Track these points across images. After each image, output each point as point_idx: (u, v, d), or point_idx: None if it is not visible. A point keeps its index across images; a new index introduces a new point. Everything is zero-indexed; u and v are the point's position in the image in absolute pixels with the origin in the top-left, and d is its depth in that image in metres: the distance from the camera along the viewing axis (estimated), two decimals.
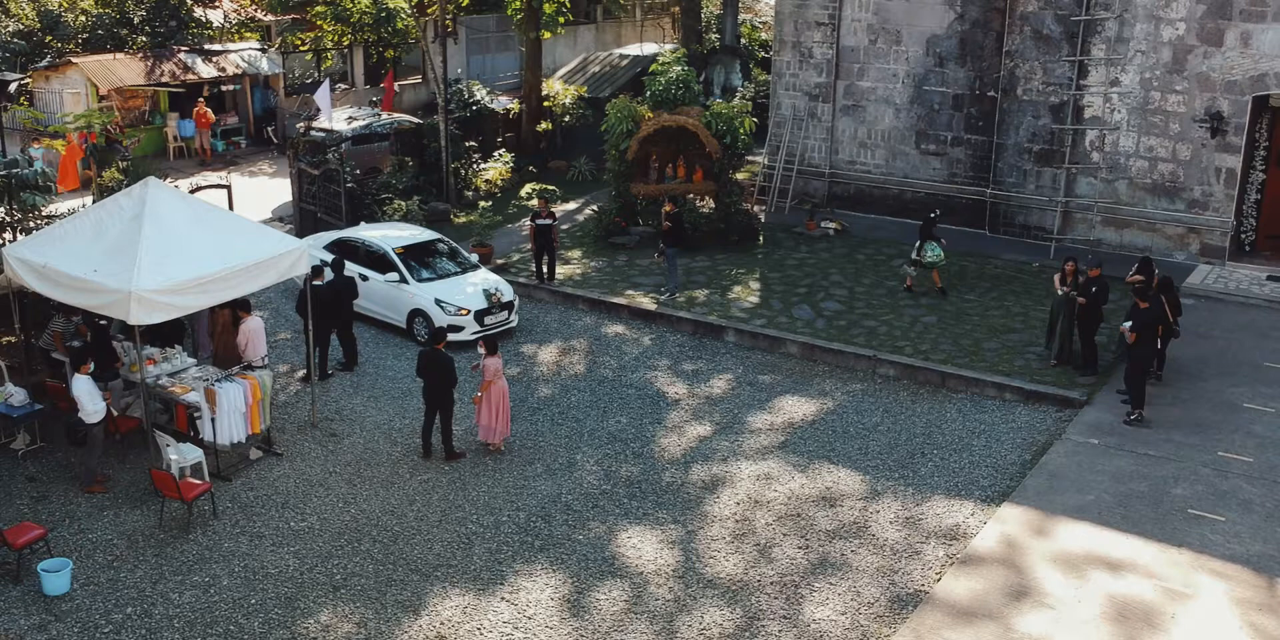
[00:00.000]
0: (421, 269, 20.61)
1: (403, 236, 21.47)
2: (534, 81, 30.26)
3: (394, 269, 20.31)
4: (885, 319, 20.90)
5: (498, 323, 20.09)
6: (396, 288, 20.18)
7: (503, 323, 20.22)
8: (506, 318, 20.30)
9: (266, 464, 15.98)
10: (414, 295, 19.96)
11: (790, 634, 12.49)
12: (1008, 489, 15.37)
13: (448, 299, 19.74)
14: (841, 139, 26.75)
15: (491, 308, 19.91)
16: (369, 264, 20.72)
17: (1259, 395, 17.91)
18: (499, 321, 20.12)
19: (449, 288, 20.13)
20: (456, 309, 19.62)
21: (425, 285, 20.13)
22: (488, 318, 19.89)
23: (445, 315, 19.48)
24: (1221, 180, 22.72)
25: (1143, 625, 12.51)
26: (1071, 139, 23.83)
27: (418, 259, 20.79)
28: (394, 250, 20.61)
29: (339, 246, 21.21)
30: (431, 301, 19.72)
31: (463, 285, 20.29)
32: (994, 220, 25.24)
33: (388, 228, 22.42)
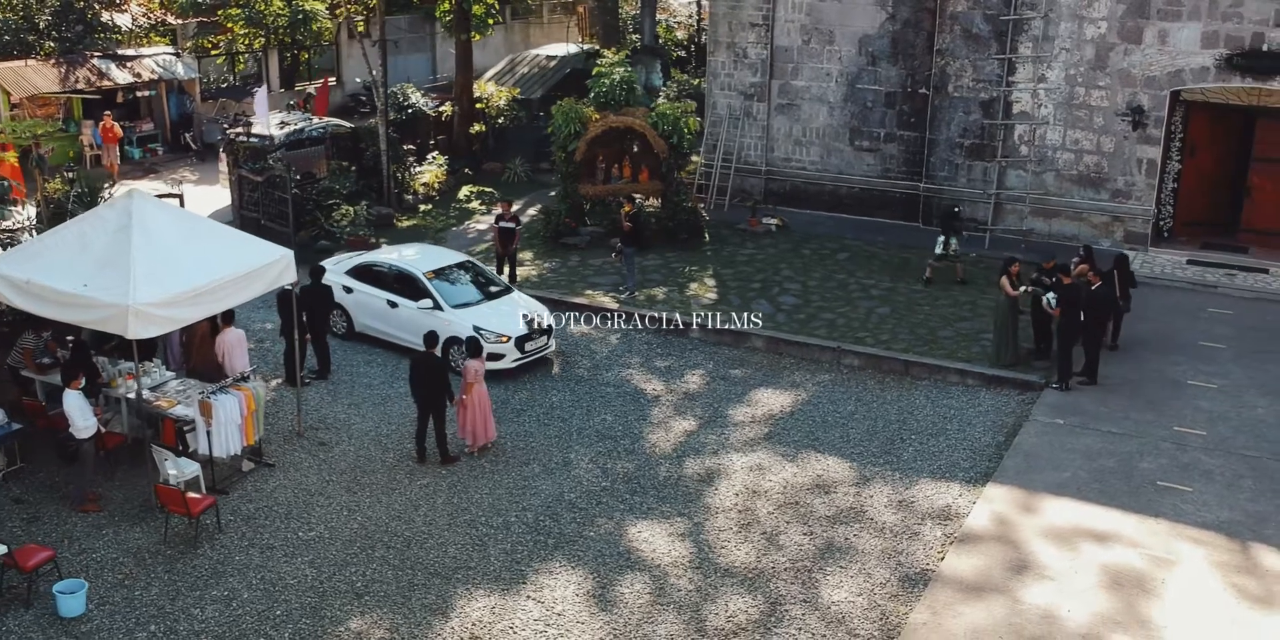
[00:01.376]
0: (453, 294, 19.53)
1: (429, 259, 20.46)
2: (465, 83, 30.24)
3: (426, 295, 19.22)
4: (841, 311, 21.60)
5: (537, 348, 19.18)
6: (430, 315, 18.98)
7: (542, 348, 19.33)
8: (545, 343, 19.43)
9: (260, 475, 15.84)
10: (450, 323, 18.77)
11: (813, 617, 12.99)
12: (988, 470, 16.15)
13: (487, 326, 18.66)
14: (777, 137, 27.45)
15: (532, 333, 18.95)
16: (397, 290, 19.61)
17: (1200, 372, 19.09)
18: (539, 347, 19.22)
19: (486, 313, 19.12)
20: (497, 336, 18.58)
21: (461, 312, 19.05)
22: (528, 344, 18.93)
23: (485, 343, 18.05)
24: (1143, 170, 24.04)
25: (1137, 591, 13.34)
26: (1001, 133, 24.92)
27: (448, 283, 19.75)
28: (424, 275, 19.59)
29: (363, 272, 20.19)
30: (469, 329, 18.46)
31: (500, 310, 19.34)
32: (928, 213, 26.19)
33: (409, 250, 21.38)
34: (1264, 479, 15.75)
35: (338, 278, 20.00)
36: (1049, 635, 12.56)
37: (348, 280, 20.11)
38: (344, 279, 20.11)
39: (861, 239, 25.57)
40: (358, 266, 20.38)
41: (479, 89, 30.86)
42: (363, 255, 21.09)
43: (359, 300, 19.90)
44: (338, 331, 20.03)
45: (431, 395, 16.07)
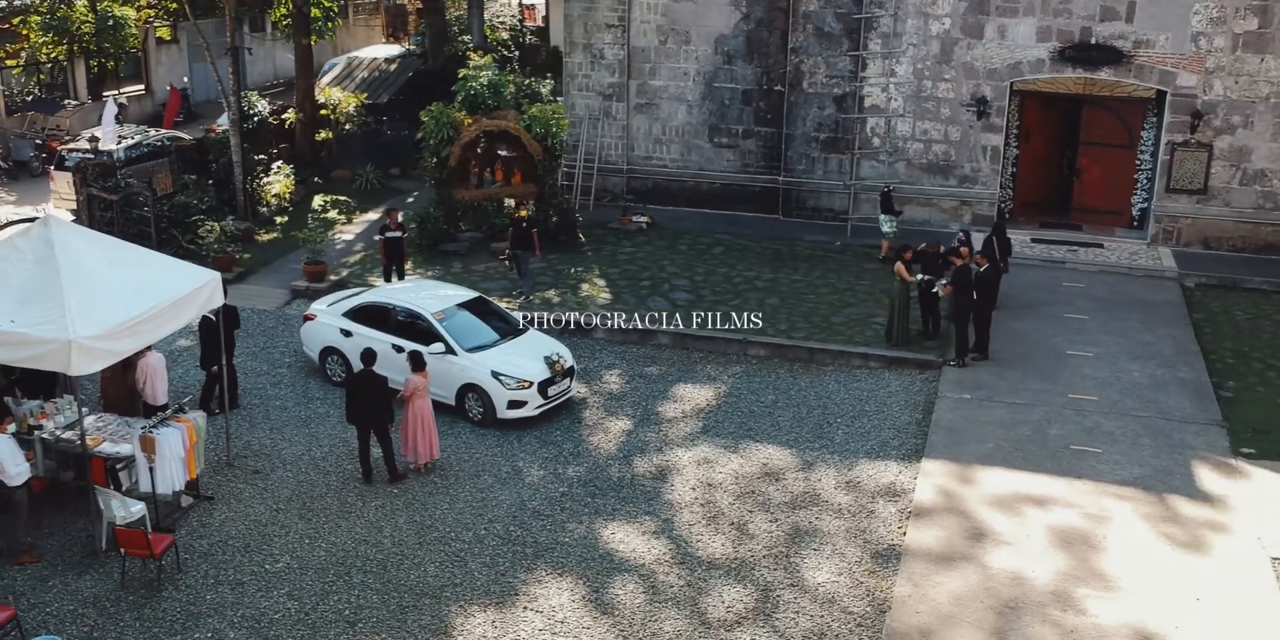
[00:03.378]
0: (466, 335, 17.89)
1: (437, 298, 18.77)
2: (307, 89, 29.25)
3: (436, 338, 17.60)
4: (734, 304, 22.21)
5: (560, 392, 17.77)
6: (442, 360, 17.33)
7: (565, 392, 17.91)
8: (568, 386, 18.03)
9: (203, 510, 15.06)
10: (465, 368, 17.34)
11: (805, 599, 13.48)
12: (918, 446, 17.07)
13: (506, 371, 17.20)
14: (637, 136, 27.86)
15: (555, 377, 17.54)
16: (403, 332, 17.90)
17: (1075, 342, 20.69)
18: (562, 391, 17.81)
19: (504, 356, 17.58)
20: (518, 382, 17.16)
21: (477, 355, 17.49)
22: (551, 388, 17.48)
23: (505, 390, 17.08)
24: (987, 157, 25.74)
25: (1085, 548, 14.46)
26: (855, 127, 26.14)
27: (460, 324, 18.09)
28: (434, 315, 17.99)
29: (363, 313, 18.44)
30: (488, 374, 17.16)
31: (518, 352, 17.82)
32: (787, 205, 27.20)
33: (411, 287, 19.82)
34: (1159, 436, 17.30)
35: (334, 320, 18.58)
36: (1023, 595, 13.49)
37: (346, 323, 18.43)
38: (341, 321, 18.49)
39: (729, 233, 26.32)
40: (357, 308, 18.64)
41: (323, 94, 29.90)
42: (360, 295, 19.37)
43: (360, 345, 17.57)
44: (336, 379, 18.56)
45: (373, 414, 15.68)
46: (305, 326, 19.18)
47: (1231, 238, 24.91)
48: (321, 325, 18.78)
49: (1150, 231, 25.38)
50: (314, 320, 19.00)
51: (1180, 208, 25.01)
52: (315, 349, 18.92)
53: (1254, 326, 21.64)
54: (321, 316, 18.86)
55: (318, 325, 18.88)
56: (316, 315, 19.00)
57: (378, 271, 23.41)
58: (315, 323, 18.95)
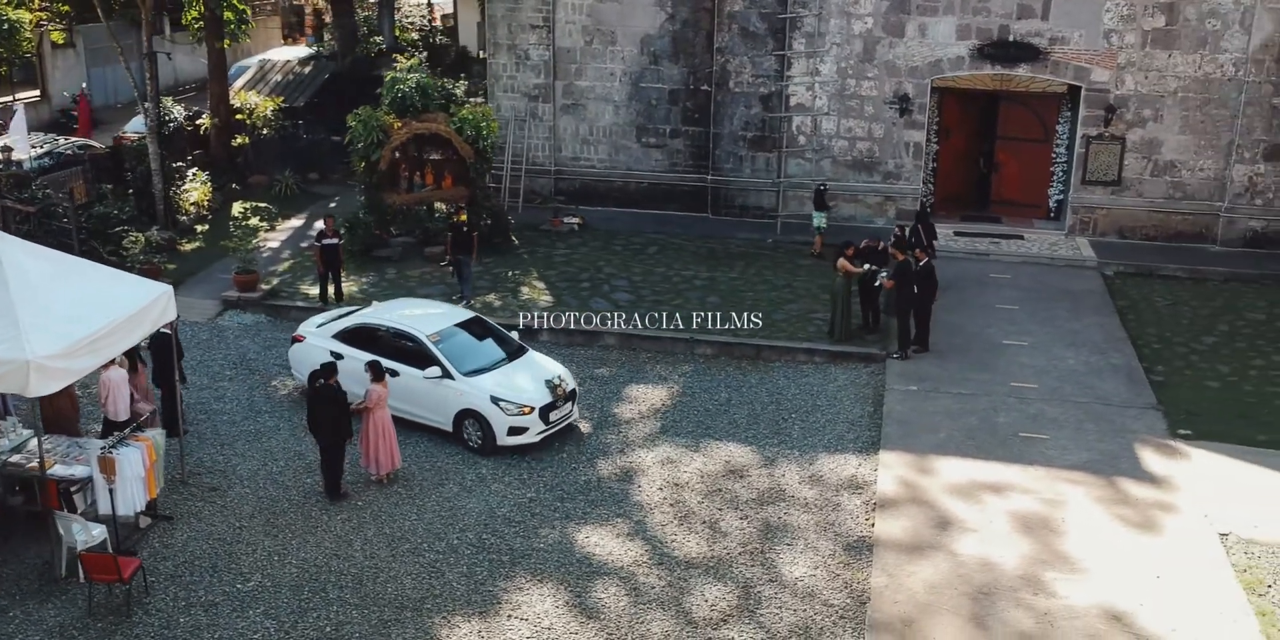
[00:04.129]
0: (464, 358, 17.15)
1: (431, 318, 17.94)
2: (221, 93, 28.46)
3: (432, 362, 16.88)
4: (675, 303, 22.33)
5: (562, 417, 17.08)
6: (438, 385, 16.73)
7: (566, 417, 17.21)
8: (570, 410, 17.32)
9: (163, 530, 14.61)
10: (463, 393, 16.62)
11: (786, 594, 13.64)
12: (873, 439, 17.39)
13: (506, 396, 16.49)
14: (564, 137, 27.79)
15: (556, 401, 16.84)
16: (397, 355, 17.11)
17: (1009, 332, 21.30)
18: (563, 416, 17.11)
19: (503, 380, 16.84)
20: (518, 407, 16.44)
21: (475, 380, 16.74)
22: (553, 413, 16.78)
23: (506, 417, 16.40)
24: (910, 153, 26.31)
25: (1047, 532, 14.92)
26: (781, 125, 26.47)
27: (457, 345, 17.33)
28: (429, 337, 17.24)
29: (354, 335, 17.64)
30: (487, 400, 16.44)
31: (518, 375, 17.05)
32: (716, 204, 27.43)
33: (404, 307, 18.81)
34: (1101, 421, 17.91)
35: (322, 342, 17.72)
36: (994, 581, 13.86)
37: (336, 345, 17.57)
38: (330, 344, 17.64)
39: (661, 232, 26.44)
40: (348, 330, 17.85)
41: (238, 98, 29.14)
42: (350, 316, 18.43)
43: (351, 368, 16.78)
44: None
45: (335, 426, 15.37)
46: (294, 348, 18.33)
47: (1144, 227, 25.90)
48: (311, 347, 17.82)
49: (1067, 222, 26.24)
50: (303, 342, 18.12)
51: (1096, 199, 25.91)
52: (304, 372, 17.68)
53: (1174, 312, 22.53)
54: (311, 338, 18.01)
55: (307, 347, 17.97)
56: (306, 337, 18.14)
57: (310, 279, 22.99)
58: (304, 345, 18.06)
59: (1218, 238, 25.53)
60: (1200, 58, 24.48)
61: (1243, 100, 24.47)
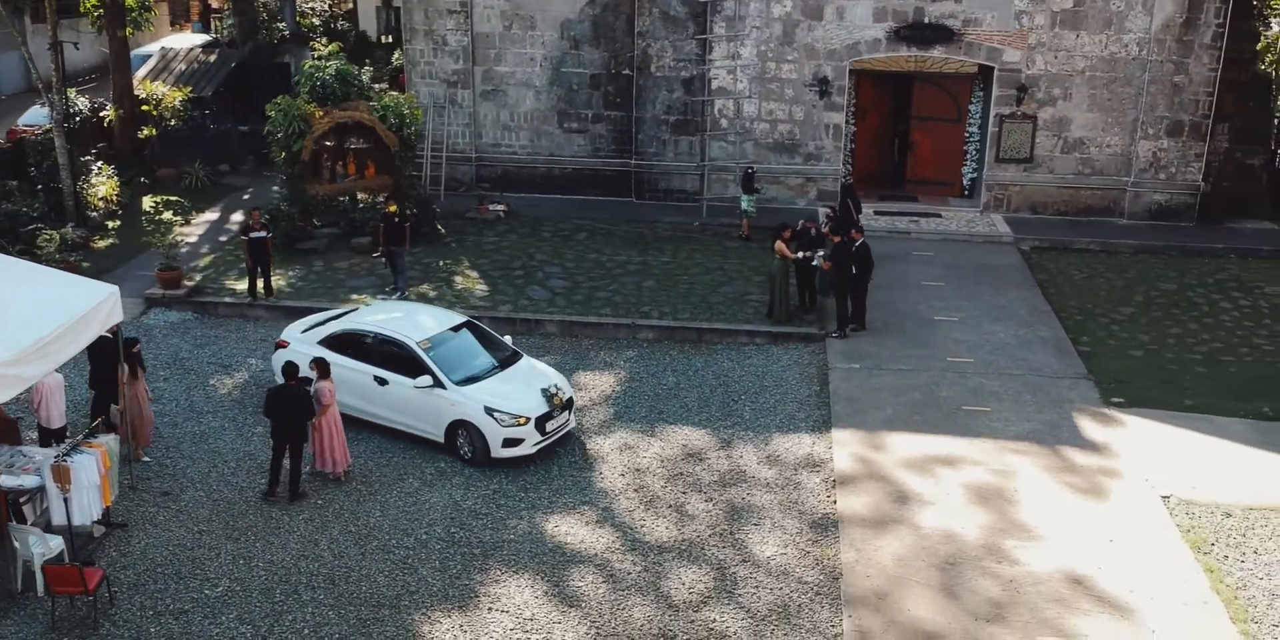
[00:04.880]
0: (456, 366, 16.38)
1: (422, 323, 17.07)
2: (125, 84, 27.39)
3: (423, 370, 16.15)
4: (611, 288, 22.36)
5: (558, 427, 16.37)
6: (429, 394, 16.02)
7: (563, 426, 16.51)
8: (567, 419, 16.63)
9: (119, 539, 14.14)
10: (455, 403, 15.88)
11: (760, 574, 13.83)
12: (823, 417, 17.69)
13: (500, 406, 15.75)
14: (484, 123, 27.51)
15: (553, 411, 16.15)
16: (385, 362, 16.47)
17: (939, 308, 21.84)
18: (560, 426, 16.41)
19: (497, 389, 16.13)
20: (513, 418, 15.73)
21: (467, 389, 16.01)
22: (549, 423, 16.11)
23: (500, 428, 15.70)
24: (830, 134, 26.70)
25: (1001, 502, 15.40)
26: (703, 109, 26.61)
27: (449, 352, 16.57)
28: (419, 344, 16.48)
29: (341, 342, 16.90)
30: (480, 411, 15.71)
31: (512, 384, 16.37)
32: (640, 188, 27.48)
33: (393, 311, 18.03)
34: (1038, 392, 18.52)
35: (307, 348, 16.92)
36: (958, 552, 14.26)
37: (322, 352, 16.67)
38: (316, 350, 16.76)
39: (588, 217, 26.40)
40: (334, 336, 17.11)
41: (144, 89, 28.08)
42: (336, 321, 17.69)
43: (338, 376, 16.11)
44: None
45: (294, 428, 15.03)
46: (277, 355, 17.52)
47: (1055, 202, 26.76)
48: (294, 354, 16.92)
49: (982, 200, 26.96)
50: (286, 348, 17.36)
51: (1009, 176, 26.66)
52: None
53: (1091, 285, 23.37)
54: (295, 345, 17.25)
55: (290, 354, 17.11)
56: (290, 343, 17.39)
57: (235, 274, 22.42)
58: (288, 351, 17.26)
59: (1125, 211, 26.53)
60: (1106, 38, 25.34)
61: (1146, 79, 25.43)
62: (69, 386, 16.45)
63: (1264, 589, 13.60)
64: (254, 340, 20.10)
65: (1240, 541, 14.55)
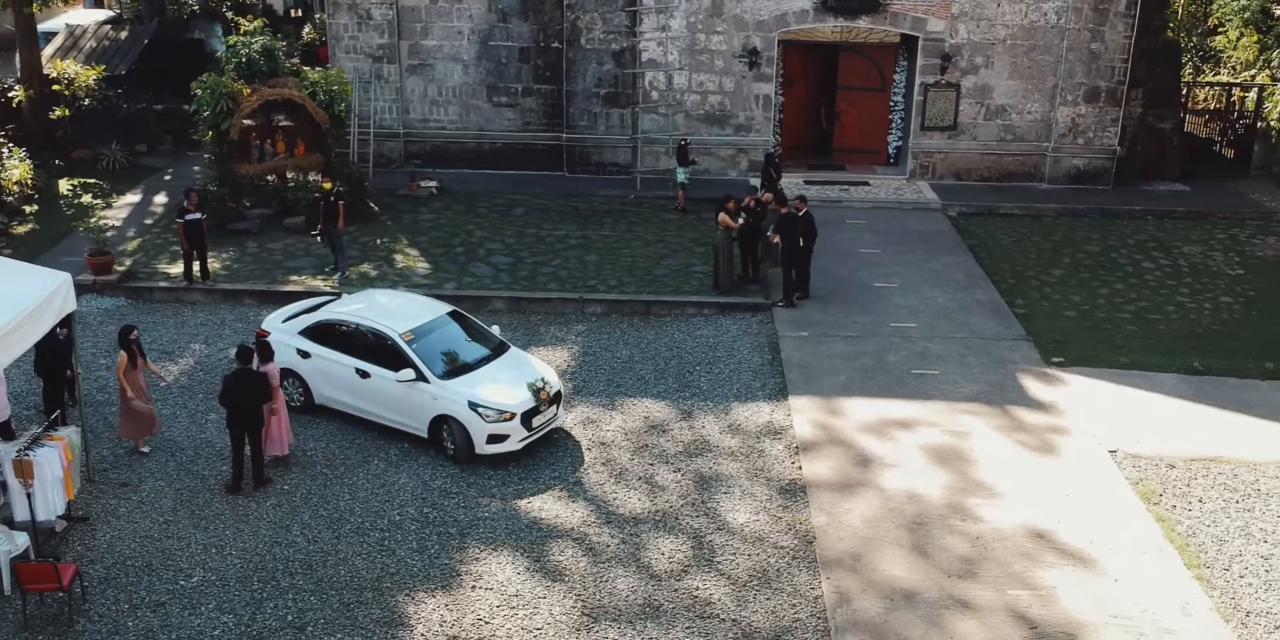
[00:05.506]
0: (440, 358, 15.87)
1: (406, 314, 16.48)
2: (34, 63, 26.30)
3: (406, 363, 15.62)
4: (555, 264, 22.32)
5: (546, 423, 15.86)
6: (412, 388, 15.51)
7: (550, 421, 15.99)
8: (555, 414, 16.11)
9: (83, 533, 13.79)
10: (438, 398, 15.38)
11: (736, 541, 14.06)
12: (779, 385, 17.96)
13: (485, 401, 15.23)
14: (412, 98, 27.10)
15: (540, 406, 15.65)
16: (368, 355, 15.92)
17: (878, 275, 22.25)
18: (547, 421, 15.89)
19: (482, 383, 15.58)
20: (499, 413, 15.23)
21: (451, 383, 15.48)
22: (536, 418, 15.59)
23: (485, 423, 15.18)
24: (759, 106, 26.89)
25: (960, 462, 15.85)
26: (634, 81, 26.57)
27: (433, 345, 16.03)
28: (402, 336, 15.93)
29: (322, 332, 16.41)
30: (464, 406, 15.19)
31: (498, 377, 15.79)
32: (572, 162, 27.38)
33: (378, 299, 17.41)
34: (981, 354, 19.05)
35: (289, 338, 16.48)
36: (924, 511, 14.67)
37: (303, 342, 16.39)
38: (297, 341, 16.44)
39: (522, 192, 26.23)
40: (315, 326, 16.59)
41: (54, 68, 26.97)
42: (318, 310, 17.07)
43: (319, 368, 16.14)
44: (294, 404, 16.44)
45: (250, 414, 14.75)
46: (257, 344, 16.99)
47: (979, 169, 27.37)
48: (276, 344, 16.23)
49: (908, 167, 27.46)
50: (267, 338, 16.51)
51: (934, 144, 27.18)
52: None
53: (1020, 248, 24.01)
54: (276, 334, 16.64)
55: (271, 343, 16.28)
56: (270, 332, 16.75)
57: (166, 258, 21.86)
58: (269, 341, 16.35)
59: (1045, 176, 27.25)
60: (1026, 7, 25.91)
61: (1065, 46, 26.08)
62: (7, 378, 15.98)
63: (1211, 535, 14.28)
64: (194, 325, 19.65)
65: (1185, 491, 15.23)
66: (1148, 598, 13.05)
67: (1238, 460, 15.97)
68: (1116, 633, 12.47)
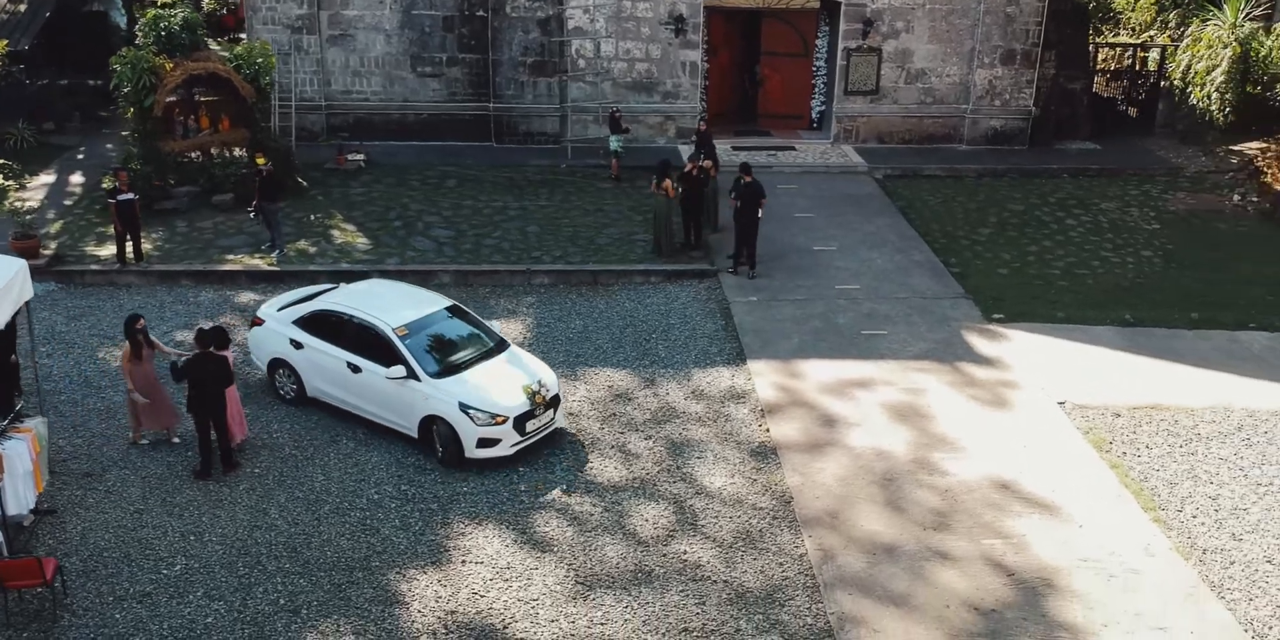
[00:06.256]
0: (433, 356, 15.25)
1: (401, 307, 15.87)
2: None
3: (397, 360, 14.99)
4: (497, 236, 22.18)
5: (541, 427, 15.18)
6: (403, 386, 14.88)
7: (546, 426, 15.31)
8: (551, 418, 15.42)
9: (51, 526, 13.40)
10: (429, 397, 14.75)
11: (716, 504, 14.30)
12: (736, 350, 18.21)
13: (476, 403, 14.58)
14: (333, 70, 26.51)
15: (535, 409, 15.01)
16: (360, 349, 15.32)
17: (816, 239, 22.62)
18: (543, 426, 15.21)
19: (476, 383, 14.91)
20: (490, 417, 14.60)
21: (443, 382, 14.84)
22: (530, 423, 14.94)
23: (475, 426, 14.55)
24: (686, 72, 26.96)
25: (919, 418, 16.33)
26: (560, 50, 26.38)
27: (427, 341, 15.41)
28: (395, 331, 15.30)
29: (316, 323, 15.82)
30: (454, 407, 14.56)
31: (493, 377, 15.10)
32: (499, 131, 27.14)
33: (378, 290, 16.87)
34: (925, 313, 19.57)
35: (282, 328, 16.04)
36: (892, 468, 15.10)
37: (296, 332, 15.88)
38: (291, 330, 15.94)
39: (451, 164, 25.92)
40: (309, 316, 16.00)
41: None
42: (314, 299, 16.45)
43: (311, 359, 15.66)
44: (286, 396, 16.16)
45: (212, 399, 14.44)
46: (253, 332, 16.61)
47: (900, 131, 27.91)
48: (270, 332, 16.15)
49: (832, 132, 27.85)
50: (262, 326, 16.39)
51: (857, 108, 27.62)
52: (263, 359, 16.40)
53: (947, 209, 24.63)
54: (270, 323, 16.28)
55: (266, 332, 16.31)
56: (265, 320, 16.39)
57: (93, 240, 21.16)
58: (264, 329, 16.36)
59: (964, 137, 27.93)
60: None
61: (982, 9, 26.65)
62: None
63: (1163, 479, 15.00)
64: (131, 308, 19.00)
65: (1133, 439, 15.94)
66: (1112, 541, 13.69)
67: (1176, 407, 16.77)
68: (1088, 575, 13.08)
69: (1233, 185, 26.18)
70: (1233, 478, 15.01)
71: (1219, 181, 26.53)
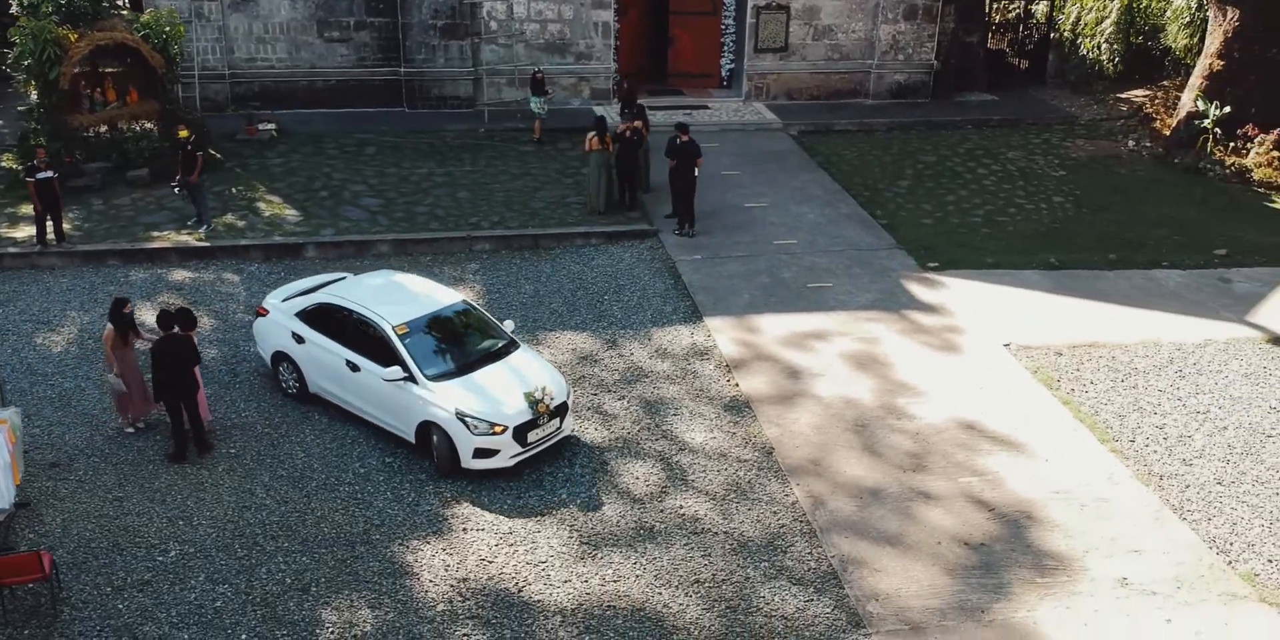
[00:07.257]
0: (436, 356, 14.45)
1: (406, 303, 15.05)
2: None
3: (396, 359, 14.17)
4: (429, 203, 21.89)
5: (544, 438, 14.29)
6: (400, 388, 14.07)
7: (551, 436, 14.39)
8: (558, 427, 14.48)
9: (29, 519, 12.92)
10: (425, 401, 13.92)
11: (702, 459, 14.56)
12: (690, 308, 18.44)
13: (474, 411, 13.72)
14: (236, 37, 25.59)
15: (538, 418, 14.11)
16: (359, 345, 14.56)
17: (745, 196, 22.94)
18: (546, 436, 14.30)
19: (477, 389, 14.04)
20: (489, 426, 13.75)
21: (441, 386, 13.99)
22: (532, 432, 14.05)
23: (472, 435, 13.70)
24: (599, 33, 26.85)
25: (879, 366, 16.85)
26: (471, 12, 25.96)
27: (429, 340, 14.65)
28: (395, 329, 14.48)
29: (318, 316, 15.09)
30: (451, 416, 13.72)
31: (496, 383, 14.21)
32: (411, 96, 26.64)
33: (383, 282, 15.98)
34: (864, 265, 20.10)
35: (285, 320, 15.39)
36: (862, 415, 15.59)
37: (298, 325, 15.20)
38: (293, 323, 15.28)
39: (366, 131, 25.37)
40: (312, 308, 15.26)
41: None
42: (318, 291, 15.72)
43: (312, 355, 14.99)
44: (289, 391, 15.47)
45: (181, 380, 14.04)
46: (258, 322, 15.96)
47: (809, 88, 28.37)
48: (273, 324, 15.55)
49: (744, 89, 28.15)
50: (266, 316, 15.76)
51: (767, 65, 27.94)
52: (267, 351, 15.76)
53: (863, 162, 25.21)
54: (273, 314, 15.66)
55: (269, 323, 15.68)
56: (269, 311, 15.77)
57: (6, 222, 20.14)
58: (268, 320, 15.73)
59: (869, 92, 28.54)
60: None
61: None
62: None
63: (1112, 412, 15.85)
64: (61, 291, 18.30)
65: (1078, 375, 16.78)
66: (1077, 473, 14.45)
67: (1111, 344, 17.68)
68: (1062, 506, 13.81)
69: (1126, 132, 27.43)
70: (1173, 408, 15.97)
71: (1113, 128, 27.78)
